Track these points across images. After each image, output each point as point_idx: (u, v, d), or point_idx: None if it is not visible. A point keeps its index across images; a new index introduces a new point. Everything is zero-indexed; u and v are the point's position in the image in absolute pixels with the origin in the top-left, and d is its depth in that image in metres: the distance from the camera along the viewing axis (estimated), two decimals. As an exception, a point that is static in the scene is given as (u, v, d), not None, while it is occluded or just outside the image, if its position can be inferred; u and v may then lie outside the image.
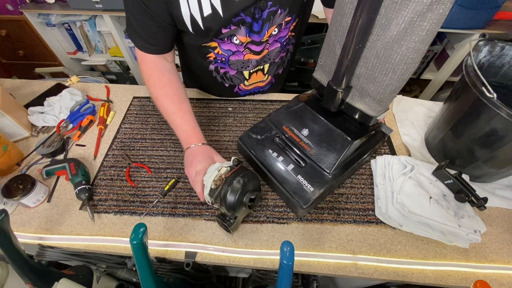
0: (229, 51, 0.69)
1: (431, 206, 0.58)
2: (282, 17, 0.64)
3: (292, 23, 0.68)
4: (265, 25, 0.63)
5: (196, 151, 0.59)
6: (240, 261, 0.56)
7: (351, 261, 0.56)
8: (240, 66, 0.74)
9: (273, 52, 0.73)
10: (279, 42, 0.72)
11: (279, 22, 0.65)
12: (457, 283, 0.54)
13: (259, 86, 0.85)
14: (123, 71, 2.05)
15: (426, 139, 0.76)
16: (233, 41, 0.66)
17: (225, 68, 0.75)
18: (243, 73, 0.77)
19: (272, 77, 0.84)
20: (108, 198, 0.66)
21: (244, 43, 0.67)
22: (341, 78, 0.52)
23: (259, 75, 0.80)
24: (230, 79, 0.79)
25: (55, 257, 0.61)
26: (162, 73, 0.65)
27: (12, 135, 0.77)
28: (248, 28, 0.63)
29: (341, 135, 0.58)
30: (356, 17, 0.43)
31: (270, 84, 0.87)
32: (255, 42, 0.67)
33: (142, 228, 0.42)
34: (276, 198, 0.65)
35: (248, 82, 0.81)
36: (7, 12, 1.66)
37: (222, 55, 0.70)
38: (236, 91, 0.84)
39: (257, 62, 0.73)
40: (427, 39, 0.41)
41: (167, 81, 0.65)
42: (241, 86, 0.83)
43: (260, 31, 0.64)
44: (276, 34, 0.68)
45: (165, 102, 0.63)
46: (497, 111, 0.51)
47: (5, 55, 1.94)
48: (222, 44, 0.67)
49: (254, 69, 0.76)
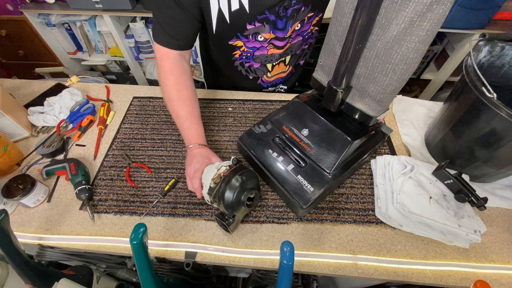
0: (254, 47, 0.72)
1: (431, 206, 0.58)
2: (305, 13, 0.67)
3: (314, 18, 0.71)
4: (289, 22, 0.66)
5: (196, 152, 0.62)
6: (240, 261, 0.56)
7: (351, 261, 0.56)
8: (264, 59, 0.77)
9: (295, 45, 0.77)
10: (301, 36, 0.75)
11: (302, 18, 0.68)
12: (457, 283, 0.54)
13: (280, 77, 0.87)
14: (123, 71, 2.05)
15: (426, 139, 0.76)
16: (257, 38, 0.69)
17: (250, 62, 0.78)
18: (267, 66, 0.80)
19: (293, 68, 0.87)
20: (108, 198, 0.66)
21: (268, 39, 0.69)
22: (341, 78, 0.52)
23: (281, 66, 0.82)
24: (254, 71, 0.82)
25: (55, 257, 0.61)
26: (181, 75, 0.66)
27: (12, 135, 0.77)
28: (272, 26, 0.66)
29: (341, 135, 0.58)
30: (356, 17, 0.43)
31: (291, 74, 0.89)
32: (279, 38, 0.70)
33: (142, 228, 0.42)
34: (276, 198, 0.65)
35: (270, 74, 0.83)
36: (7, 12, 1.66)
37: (248, 51, 0.74)
38: (259, 82, 0.87)
39: (280, 55, 0.76)
40: (427, 39, 0.41)
41: (184, 85, 0.66)
42: (264, 78, 0.85)
43: (284, 28, 0.67)
44: (299, 29, 0.71)
45: (179, 105, 0.65)
46: (497, 111, 0.51)
47: (5, 55, 1.94)
48: (247, 43, 0.70)
49: (277, 62, 0.79)
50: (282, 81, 0.90)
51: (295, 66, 0.87)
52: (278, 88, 0.93)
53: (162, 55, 0.66)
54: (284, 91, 0.94)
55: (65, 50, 1.88)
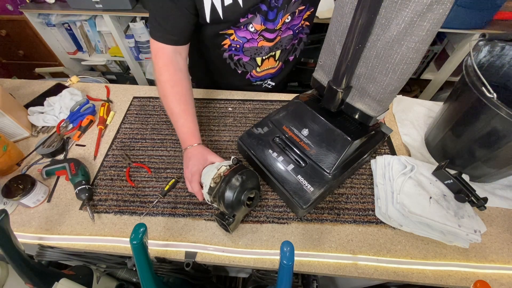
0: (244, 38, 0.72)
1: (431, 206, 0.58)
2: (296, 5, 0.67)
3: (305, 11, 0.71)
4: (280, 13, 0.66)
5: (191, 153, 0.62)
6: (240, 261, 0.56)
7: (351, 261, 0.56)
8: (254, 52, 0.76)
9: (285, 39, 0.76)
10: (291, 30, 0.74)
11: (293, 11, 0.68)
12: (457, 283, 0.54)
13: (270, 72, 0.87)
14: (123, 71, 2.04)
15: (426, 139, 0.76)
16: (248, 28, 0.69)
17: (239, 55, 0.77)
18: (256, 60, 0.79)
19: (283, 63, 0.86)
20: (108, 198, 0.66)
21: (259, 31, 0.69)
22: (341, 78, 0.52)
23: (271, 61, 0.82)
24: (243, 65, 0.81)
25: (55, 257, 0.61)
26: (175, 71, 0.66)
27: (12, 135, 0.77)
28: (264, 16, 0.66)
29: (341, 135, 0.58)
30: (356, 17, 0.43)
31: (280, 70, 0.89)
32: (269, 29, 0.70)
33: (142, 228, 0.42)
34: (276, 198, 0.65)
35: (260, 68, 0.83)
36: (7, 12, 1.66)
37: (237, 41, 0.73)
38: (248, 77, 0.86)
39: (270, 48, 0.76)
40: (427, 39, 0.41)
41: (178, 81, 0.65)
42: (253, 73, 0.84)
43: (275, 19, 0.67)
44: (289, 22, 0.71)
45: (172, 102, 0.64)
46: (497, 111, 0.51)
47: (5, 55, 1.94)
48: (238, 31, 0.70)
49: (267, 56, 0.78)
50: (271, 76, 0.89)
51: (285, 62, 0.87)
52: (265, 83, 0.92)
53: (157, 51, 0.65)
54: (271, 87, 0.93)
55: (65, 50, 1.88)
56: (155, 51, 0.65)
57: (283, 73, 0.92)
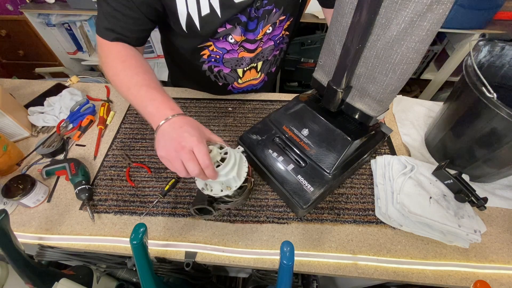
0: (224, 49, 0.69)
1: (431, 206, 0.58)
2: (276, 16, 0.64)
3: (286, 22, 0.69)
4: (260, 23, 0.64)
5: (181, 122, 0.46)
6: (240, 261, 0.56)
7: (351, 261, 0.56)
8: (234, 64, 0.74)
9: (266, 50, 0.74)
10: (272, 40, 0.72)
11: (274, 21, 0.66)
12: (457, 283, 0.54)
13: (252, 84, 0.85)
14: (123, 71, 2.04)
15: (426, 139, 0.76)
16: (228, 39, 0.66)
17: (219, 66, 0.75)
18: (237, 71, 0.77)
19: (265, 75, 0.85)
20: (108, 198, 0.66)
21: (239, 42, 0.67)
22: (341, 78, 0.52)
23: (253, 73, 0.80)
24: (224, 77, 0.79)
25: (55, 257, 0.61)
26: (124, 47, 0.57)
27: (12, 135, 0.77)
28: (244, 28, 0.63)
29: (341, 135, 0.58)
30: (356, 17, 0.43)
31: (263, 82, 0.87)
32: (250, 40, 0.67)
33: (142, 228, 0.42)
34: (276, 198, 0.65)
35: (241, 80, 0.81)
36: (7, 12, 1.66)
37: (217, 52, 0.70)
38: (229, 89, 0.85)
39: (251, 60, 0.74)
40: (427, 39, 0.41)
41: (130, 56, 0.55)
42: (235, 84, 0.83)
43: (255, 29, 0.65)
44: (270, 32, 0.69)
45: (126, 76, 0.52)
46: (497, 111, 0.51)
47: (5, 55, 1.94)
48: (217, 43, 0.67)
49: (248, 67, 0.76)
50: (254, 88, 0.87)
51: (268, 74, 0.85)
52: None
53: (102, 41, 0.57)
54: None
55: (65, 50, 1.88)
56: (100, 41, 0.57)
57: (267, 86, 0.89)
